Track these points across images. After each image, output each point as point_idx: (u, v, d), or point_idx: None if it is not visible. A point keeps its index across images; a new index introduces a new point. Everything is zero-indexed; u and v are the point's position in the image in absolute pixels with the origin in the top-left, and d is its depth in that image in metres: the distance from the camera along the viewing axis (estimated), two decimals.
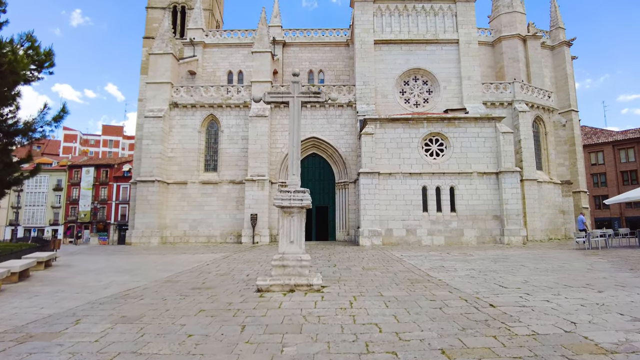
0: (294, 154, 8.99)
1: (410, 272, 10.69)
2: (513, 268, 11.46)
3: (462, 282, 8.98)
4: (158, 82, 27.47)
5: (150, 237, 24.92)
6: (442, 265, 12.37)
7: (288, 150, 8.94)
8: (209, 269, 11.96)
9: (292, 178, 8.94)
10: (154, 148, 25.93)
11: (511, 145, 22.55)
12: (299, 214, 8.64)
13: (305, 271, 8.33)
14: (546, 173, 28.19)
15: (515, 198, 21.96)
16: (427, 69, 27.58)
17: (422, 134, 22.83)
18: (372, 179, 22.06)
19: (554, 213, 27.42)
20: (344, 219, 26.50)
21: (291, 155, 9.01)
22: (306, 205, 8.55)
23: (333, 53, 33.95)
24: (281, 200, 8.53)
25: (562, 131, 29.13)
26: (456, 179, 22.40)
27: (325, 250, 18.30)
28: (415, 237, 21.87)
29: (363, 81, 26.95)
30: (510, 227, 21.70)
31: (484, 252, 16.70)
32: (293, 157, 8.99)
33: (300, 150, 9.17)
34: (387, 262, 13.11)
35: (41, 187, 68.45)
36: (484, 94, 27.50)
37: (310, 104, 26.70)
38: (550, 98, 29.45)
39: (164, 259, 15.58)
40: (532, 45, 33.01)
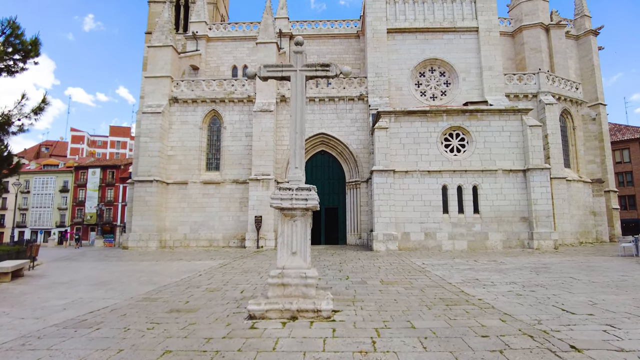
0: (297, 142, 7.16)
1: (440, 288, 8.76)
2: (563, 282, 9.47)
3: (510, 304, 7.05)
4: (157, 77, 25.87)
5: (148, 240, 23.28)
6: (475, 277, 10.42)
7: (290, 140, 7.08)
8: (199, 282, 10.17)
9: (294, 172, 7.11)
10: (152, 146, 24.31)
11: (540, 140, 20.44)
12: (302, 218, 6.81)
13: (311, 291, 6.48)
14: (575, 171, 25.97)
15: (545, 198, 19.85)
16: (444, 59, 25.57)
17: (441, 128, 20.84)
18: (386, 178, 20.13)
19: (584, 214, 25.19)
20: (356, 222, 24.60)
21: (293, 143, 7.18)
22: (312, 207, 6.72)
23: (343, 45, 32.11)
24: (280, 201, 6.70)
25: (592, 125, 26.87)
26: (479, 177, 20.36)
27: (336, 257, 16.42)
28: (434, 242, 19.88)
29: (375, 72, 25.03)
30: (540, 230, 19.59)
31: (516, 259, 14.68)
32: (296, 145, 7.16)
33: (304, 138, 7.33)
34: (409, 273, 11.19)
35: (48, 189, 67.77)
36: (507, 85, 25.40)
37: (319, 98, 24.93)
38: (578, 90, 27.22)
39: (155, 267, 13.85)
40: (556, 34, 30.82)
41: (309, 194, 6.74)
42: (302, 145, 7.16)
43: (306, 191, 6.78)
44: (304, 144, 7.20)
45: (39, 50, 15.66)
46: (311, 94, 25.17)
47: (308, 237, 6.80)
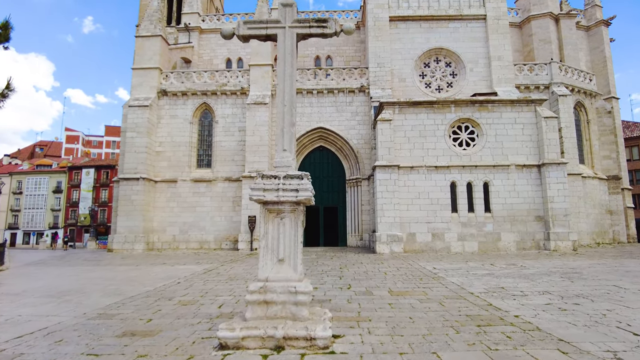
0: (286, 118, 5.59)
1: (462, 300, 7.20)
2: (608, 292, 7.91)
3: (558, 323, 5.50)
4: (145, 68, 24.31)
5: (134, 242, 21.69)
6: (498, 285, 8.85)
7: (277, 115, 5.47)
8: (173, 292, 8.60)
9: (282, 156, 5.54)
10: (138, 141, 22.73)
11: (555, 133, 18.88)
12: (292, 215, 5.26)
13: (303, 312, 4.91)
14: (589, 167, 24.44)
15: (562, 195, 18.29)
16: (450, 49, 24.04)
17: (449, 120, 19.28)
18: (390, 174, 18.56)
19: (600, 213, 23.65)
20: (357, 222, 23.02)
21: (281, 119, 5.62)
22: (304, 200, 5.17)
23: (342, 38, 30.46)
24: (262, 192, 5.15)
25: (607, 119, 25.35)
26: (491, 173, 18.80)
27: (335, 261, 14.85)
28: (443, 243, 18.30)
29: (377, 63, 23.49)
30: (557, 229, 18.03)
31: (538, 263, 13.11)
32: (284, 121, 5.60)
33: (295, 113, 5.77)
34: (421, 281, 9.62)
35: (41, 190, 66.21)
36: (517, 76, 23.88)
37: (317, 91, 23.38)
38: (592, 81, 25.74)
39: (131, 273, 12.27)
40: (566, 25, 29.30)
41: (301, 183, 5.18)
42: (292, 121, 5.59)
43: (297, 180, 5.21)
44: (294, 120, 5.63)
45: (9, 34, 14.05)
46: (309, 86, 23.62)
47: (299, 240, 5.23)
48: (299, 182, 5.18)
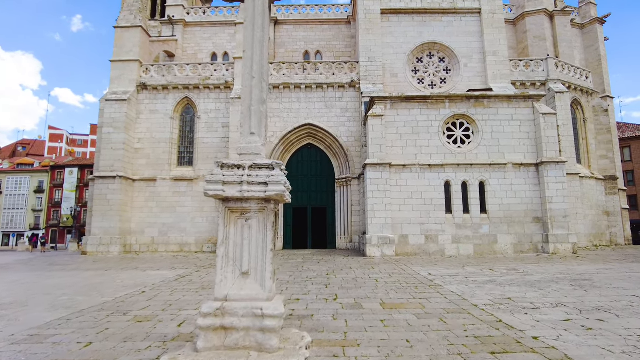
0: (254, 94, 4.51)
1: (466, 316, 6.15)
2: (630, 303, 6.93)
3: (589, 349, 4.47)
4: (123, 60, 22.99)
5: (109, 245, 20.36)
6: (504, 295, 7.83)
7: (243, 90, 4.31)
8: (132, 305, 7.42)
9: (248, 140, 4.45)
10: (116, 137, 21.41)
11: (554, 130, 18.03)
12: (260, 215, 4.16)
13: (272, 341, 3.80)
14: (586, 167, 23.69)
15: (561, 195, 17.44)
16: (444, 43, 23.12)
17: (443, 117, 18.32)
18: (381, 172, 17.53)
19: (597, 214, 22.90)
20: (346, 223, 21.94)
21: (248, 94, 4.54)
22: (276, 196, 4.07)
23: (332, 32, 29.48)
24: (221, 186, 4.05)
25: (604, 117, 24.65)
26: (487, 172, 17.88)
27: (323, 265, 13.74)
28: (436, 246, 17.31)
29: (368, 57, 22.46)
30: (556, 232, 17.15)
31: (540, 268, 12.16)
32: (252, 98, 4.51)
33: (266, 88, 4.68)
34: (416, 290, 8.56)
35: (21, 189, 64.13)
36: (512, 72, 23.04)
37: (305, 85, 22.28)
38: (588, 79, 25.03)
39: (95, 280, 11.03)
40: (561, 22, 28.65)
41: (271, 175, 4.08)
42: (262, 98, 4.50)
43: (266, 170, 4.12)
44: (264, 97, 4.53)
45: None
46: (296, 80, 22.50)
47: (269, 247, 4.13)
48: (269, 173, 4.08)
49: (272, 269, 4.13)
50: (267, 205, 4.13)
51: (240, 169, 4.15)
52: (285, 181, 4.15)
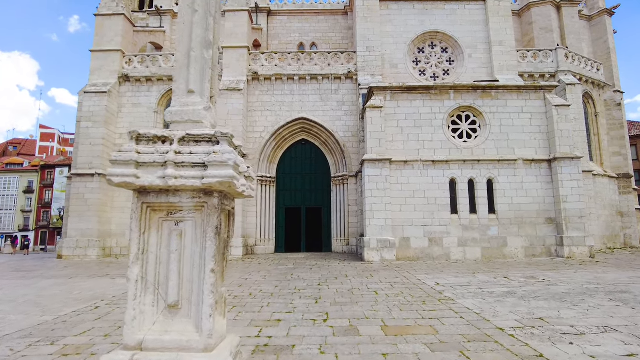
0: (196, 34, 3.05)
1: (494, 346, 4.67)
2: None
3: None
4: (104, 50, 21.49)
5: (87, 248, 18.84)
6: (533, 313, 6.36)
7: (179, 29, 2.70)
8: (72, 326, 5.91)
9: (183, 102, 2.95)
10: (95, 132, 19.89)
11: (568, 123, 16.60)
12: (198, 217, 2.66)
13: None
14: (598, 164, 22.27)
15: (576, 194, 16.00)
16: (446, 33, 21.67)
17: (448, 109, 16.86)
18: (381, 169, 16.06)
19: (611, 215, 21.46)
20: (343, 224, 20.44)
21: (187, 34, 3.09)
22: (220, 185, 2.55)
23: (328, 23, 27.97)
24: (134, 169, 2.52)
25: (617, 112, 23.24)
26: (495, 169, 16.43)
27: (315, 272, 12.24)
28: (441, 250, 15.84)
29: (366, 46, 21.00)
30: (571, 233, 15.71)
31: (560, 275, 10.69)
32: (192, 40, 3.03)
33: (217, 28, 3.18)
34: (424, 306, 7.08)
35: (10, 190, 62.49)
36: (520, 63, 21.60)
37: (299, 77, 20.80)
38: (599, 71, 23.65)
39: (50, 291, 9.50)
40: (568, 13, 27.25)
41: (214, 152, 2.58)
42: (208, 40, 3.01)
43: (206, 145, 2.64)
44: (211, 39, 3.03)
45: None
46: (289, 71, 21.01)
47: (210, 266, 2.63)
48: (210, 149, 2.59)
49: (215, 300, 2.64)
50: (208, 200, 2.65)
51: (166, 143, 2.67)
52: (237, 161, 2.66)
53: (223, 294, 2.93)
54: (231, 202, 3.03)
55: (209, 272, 2.57)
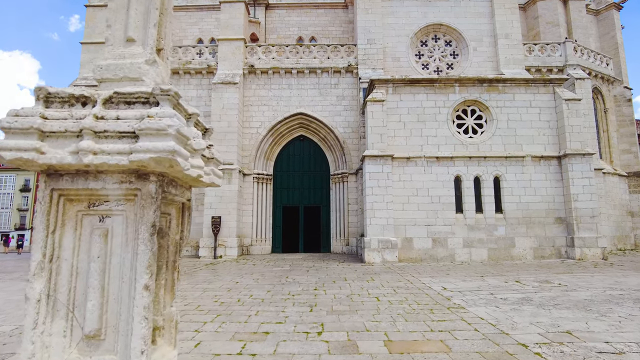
0: None
1: None
2: None
3: None
4: (96, 42, 20.69)
5: None
6: (556, 324, 5.56)
7: None
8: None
9: (118, 53, 2.13)
10: None
11: (579, 118, 15.81)
12: (130, 210, 1.81)
13: None
14: (608, 162, 21.47)
15: (588, 192, 15.21)
16: (450, 25, 20.86)
17: (452, 103, 16.07)
18: (382, 166, 15.27)
19: (621, 215, 20.66)
20: (342, 224, 19.65)
21: None
22: (156, 164, 1.70)
23: (328, 17, 27.17)
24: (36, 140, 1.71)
25: (627, 108, 22.41)
26: (502, 166, 15.63)
27: (312, 275, 11.45)
28: (445, 251, 15.05)
29: (367, 39, 20.20)
30: (582, 234, 14.92)
31: (577, 279, 9.90)
32: None
33: None
34: (431, 314, 6.29)
35: (6, 188, 61.96)
36: (526, 57, 20.81)
37: (297, 70, 20.01)
38: (608, 66, 22.87)
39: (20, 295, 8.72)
40: (575, 6, 26.43)
41: (152, 115, 1.75)
42: None
43: (141, 108, 1.80)
44: None
45: None
46: (287, 65, 20.21)
47: (143, 281, 1.81)
48: (146, 112, 1.76)
49: (149, 329, 1.84)
50: (142, 186, 1.86)
51: (88, 105, 1.88)
52: (183, 130, 1.86)
53: (172, 315, 2.15)
54: (184, 192, 2.25)
55: (140, 290, 1.79)
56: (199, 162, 2.09)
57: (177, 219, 2.23)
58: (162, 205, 2.02)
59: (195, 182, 2.19)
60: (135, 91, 1.88)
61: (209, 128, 2.46)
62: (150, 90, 1.87)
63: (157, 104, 1.87)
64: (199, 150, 2.08)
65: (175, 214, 2.21)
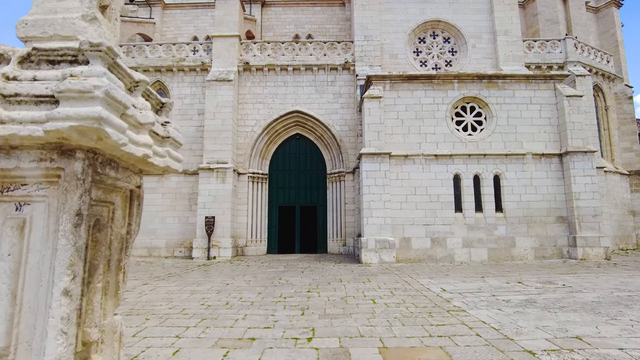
0: None
1: None
2: None
3: None
4: None
5: None
6: (565, 329, 5.19)
7: None
8: None
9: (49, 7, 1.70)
10: None
11: (581, 115, 15.47)
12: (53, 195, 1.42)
13: None
14: (609, 160, 21.14)
15: (590, 191, 14.86)
16: (449, 22, 20.51)
17: (451, 99, 15.72)
18: (379, 164, 14.90)
19: (622, 214, 20.32)
20: (339, 224, 19.26)
21: None
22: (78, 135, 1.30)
23: (325, 14, 26.84)
24: None
25: (628, 105, 22.08)
26: (502, 164, 15.28)
27: (306, 276, 11.07)
28: (444, 251, 14.68)
29: (364, 35, 19.84)
30: (584, 233, 14.57)
31: (581, 279, 9.54)
32: None
33: None
34: (431, 318, 5.91)
35: None
36: (526, 54, 20.47)
37: (293, 67, 19.65)
38: (609, 63, 22.54)
39: None
40: (575, 4, 26.17)
41: (75, 74, 1.35)
42: None
43: (67, 67, 1.39)
44: None
45: None
46: (283, 62, 19.83)
47: (62, 283, 1.40)
48: (68, 71, 1.36)
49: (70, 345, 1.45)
50: (68, 165, 1.47)
51: (1, 64, 1.48)
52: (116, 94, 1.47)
53: (115, 326, 1.78)
54: (130, 177, 1.87)
55: (58, 296, 1.39)
56: (146, 139, 1.71)
57: (123, 209, 1.86)
58: (100, 191, 1.64)
59: (143, 164, 1.81)
60: (60, 47, 1.50)
61: (166, 102, 2.07)
62: (78, 46, 1.49)
63: (85, 61, 1.49)
64: (146, 125, 1.70)
65: (121, 204, 1.84)
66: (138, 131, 1.69)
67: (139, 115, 1.65)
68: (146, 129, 1.73)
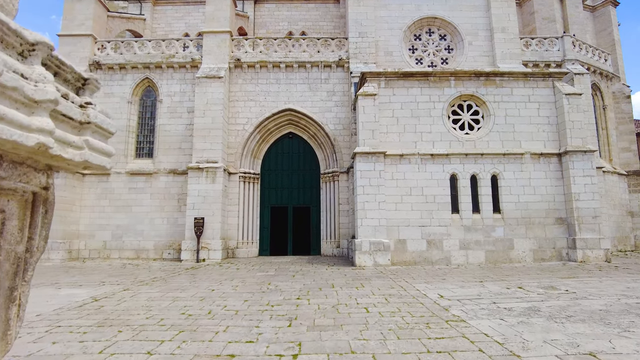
0: None
1: None
2: None
3: None
4: (74, 35, 19.65)
5: (50, 250, 17.01)
6: (575, 344, 4.74)
7: None
8: None
9: None
10: None
11: (580, 114, 15.10)
12: None
13: None
14: (607, 160, 20.82)
15: (590, 191, 14.50)
16: (445, 18, 20.10)
17: (448, 97, 15.30)
18: (374, 163, 14.44)
19: (621, 215, 20.01)
20: (333, 225, 18.77)
21: None
22: None
23: (319, 11, 26.40)
24: None
25: (626, 105, 21.79)
26: (500, 164, 14.88)
27: (297, 280, 10.57)
28: (441, 253, 14.24)
29: (359, 32, 19.37)
30: (584, 235, 14.20)
31: (584, 284, 9.12)
32: None
33: None
34: (428, 330, 5.43)
35: None
36: (524, 52, 20.11)
37: (286, 64, 19.15)
38: (607, 61, 22.24)
39: None
40: (572, 2, 25.92)
41: None
42: None
43: None
44: None
45: None
46: (275, 58, 19.32)
47: None
48: None
49: None
50: None
51: None
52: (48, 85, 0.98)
53: None
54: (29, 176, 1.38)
55: None
56: (43, 122, 1.22)
57: (20, 219, 1.37)
58: None
59: (46, 157, 1.32)
60: None
61: (89, 78, 1.60)
62: None
63: None
64: (43, 103, 1.21)
65: (17, 211, 1.35)
66: (32, 111, 1.20)
67: (30, 89, 1.16)
68: (44, 109, 1.24)
